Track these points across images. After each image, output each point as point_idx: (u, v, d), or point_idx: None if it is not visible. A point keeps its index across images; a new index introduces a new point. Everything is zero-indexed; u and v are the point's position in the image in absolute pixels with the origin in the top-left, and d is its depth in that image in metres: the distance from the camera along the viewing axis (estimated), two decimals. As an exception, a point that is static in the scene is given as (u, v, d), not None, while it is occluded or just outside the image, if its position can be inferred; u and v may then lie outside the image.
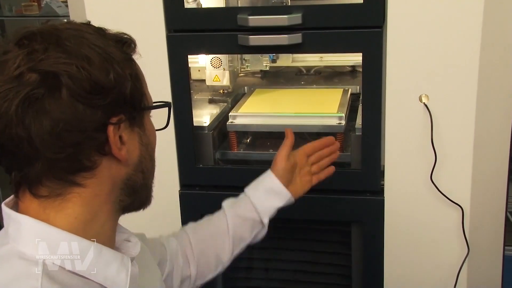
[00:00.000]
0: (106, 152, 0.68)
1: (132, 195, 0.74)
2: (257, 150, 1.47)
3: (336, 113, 1.40)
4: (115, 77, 0.66)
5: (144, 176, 0.74)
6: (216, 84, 1.54)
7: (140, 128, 0.72)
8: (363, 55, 1.22)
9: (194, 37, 1.28)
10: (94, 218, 0.69)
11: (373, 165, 1.29)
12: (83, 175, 0.67)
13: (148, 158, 0.75)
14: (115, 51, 0.68)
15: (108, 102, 0.65)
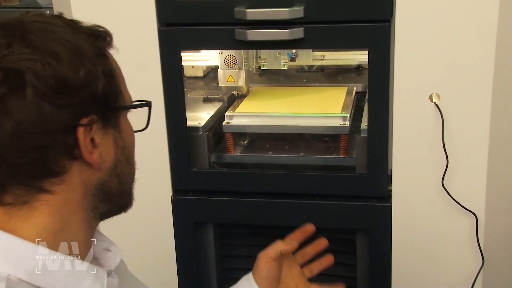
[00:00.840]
0: (76, 156, 0.66)
1: (107, 202, 0.72)
2: (255, 152, 1.46)
3: (340, 113, 1.40)
4: (85, 74, 0.64)
5: (121, 182, 0.72)
6: (230, 85, 1.52)
7: (115, 129, 0.70)
8: (370, 51, 1.21)
9: (188, 32, 1.27)
10: (65, 227, 0.67)
11: (379, 169, 1.28)
12: (51, 181, 0.65)
13: (125, 162, 0.72)
14: (87, 46, 0.66)
15: (78, 102, 0.64)
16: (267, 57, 1.61)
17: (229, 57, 1.50)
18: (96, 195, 0.70)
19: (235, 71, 1.50)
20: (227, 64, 1.50)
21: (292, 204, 1.35)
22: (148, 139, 1.35)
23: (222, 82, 1.52)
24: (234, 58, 1.49)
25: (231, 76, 1.51)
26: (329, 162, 1.40)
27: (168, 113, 1.33)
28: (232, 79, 1.51)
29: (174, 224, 1.41)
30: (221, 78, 1.52)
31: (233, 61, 1.49)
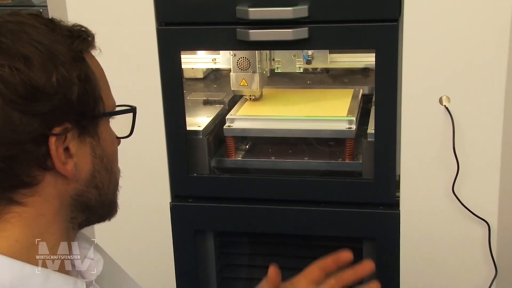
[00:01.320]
0: (48, 166, 0.64)
1: (86, 212, 0.70)
2: (258, 157, 1.46)
3: (346, 117, 1.39)
4: (58, 80, 0.62)
5: (100, 192, 0.70)
6: (243, 89, 1.50)
7: (93, 138, 0.67)
8: (377, 51, 1.21)
9: (188, 31, 1.27)
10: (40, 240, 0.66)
11: (387, 174, 1.28)
12: (22, 193, 0.64)
13: (104, 172, 0.69)
14: (63, 49, 0.64)
15: (50, 110, 0.62)
16: (282, 60, 1.58)
17: (242, 60, 1.47)
18: (73, 205, 0.69)
19: (248, 74, 1.48)
20: (240, 67, 1.48)
21: (296, 211, 1.34)
22: (146, 143, 1.36)
23: (234, 86, 1.50)
24: (248, 61, 1.46)
25: (244, 80, 1.48)
26: (334, 168, 1.40)
27: (167, 116, 1.33)
28: (245, 83, 1.49)
29: (173, 232, 1.41)
30: (233, 81, 1.49)
31: (247, 64, 1.47)
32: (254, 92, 1.52)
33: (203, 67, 1.67)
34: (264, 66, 1.54)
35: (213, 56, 1.61)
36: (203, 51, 1.62)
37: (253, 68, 1.48)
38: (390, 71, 1.21)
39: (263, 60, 1.52)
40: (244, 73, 1.48)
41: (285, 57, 1.58)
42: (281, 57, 1.58)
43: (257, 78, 1.48)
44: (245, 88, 1.50)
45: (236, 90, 1.51)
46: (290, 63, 1.58)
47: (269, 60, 1.58)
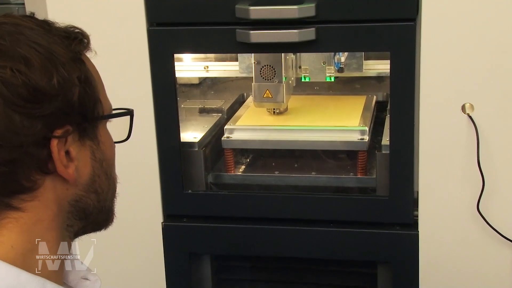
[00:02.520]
0: (49, 170, 0.68)
1: (83, 219, 0.74)
2: (260, 172, 1.46)
3: (358, 127, 1.39)
4: (59, 81, 0.66)
5: (99, 198, 0.74)
6: (267, 101, 1.47)
7: (93, 141, 0.72)
8: (392, 54, 1.20)
9: (182, 32, 1.27)
10: (36, 247, 0.69)
11: (404, 191, 1.27)
12: (21, 198, 0.67)
13: (104, 176, 0.74)
14: (61, 50, 0.68)
15: (51, 112, 0.66)
16: (309, 67, 1.55)
17: (267, 68, 1.45)
18: (71, 212, 0.72)
19: (273, 84, 1.46)
20: (264, 76, 1.46)
21: (302, 232, 1.34)
22: (136, 156, 1.36)
23: (257, 98, 1.47)
24: (272, 69, 1.45)
25: (268, 91, 1.46)
26: (345, 183, 1.40)
27: (158, 126, 1.33)
28: (269, 94, 1.46)
29: (165, 255, 1.40)
30: (256, 93, 1.47)
31: (271, 72, 1.45)
32: (278, 105, 1.49)
33: (193, 75, 1.67)
34: (290, 74, 1.51)
35: (205, 64, 1.61)
36: (193, 59, 1.63)
37: (278, 77, 1.45)
38: (407, 76, 1.21)
39: (288, 68, 1.50)
40: (268, 83, 1.45)
41: (313, 65, 1.54)
42: (308, 64, 1.54)
43: (282, 89, 1.46)
44: (269, 101, 1.47)
45: (259, 102, 1.48)
46: (319, 71, 1.54)
47: (295, 68, 1.55)
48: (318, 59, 1.52)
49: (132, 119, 0.78)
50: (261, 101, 1.48)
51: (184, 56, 1.63)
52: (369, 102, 1.55)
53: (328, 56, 1.51)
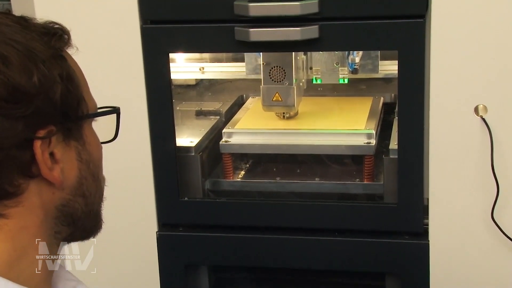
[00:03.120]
0: (34, 174, 0.68)
1: (71, 225, 0.74)
2: (260, 178, 1.45)
3: (364, 130, 1.39)
4: (40, 79, 0.66)
5: (87, 202, 0.75)
6: (277, 104, 1.46)
7: (78, 141, 0.72)
8: (399, 53, 1.20)
9: (177, 31, 1.27)
10: (23, 256, 0.69)
11: (413, 198, 1.27)
12: (4, 204, 0.67)
13: (91, 179, 0.75)
14: (40, 47, 0.68)
15: (33, 112, 0.66)
16: (322, 69, 1.54)
17: (276, 70, 1.44)
18: (58, 217, 0.72)
19: (283, 87, 1.44)
20: (273, 78, 1.45)
21: (305, 242, 1.33)
22: (129, 161, 1.35)
23: (266, 102, 1.46)
24: (282, 71, 1.44)
25: (278, 94, 1.45)
26: (350, 190, 1.39)
27: (153, 129, 1.33)
28: (279, 98, 1.46)
29: (160, 266, 1.39)
30: (265, 96, 1.46)
31: (281, 74, 1.44)
32: (289, 109, 1.48)
33: (188, 77, 1.67)
34: (300, 76, 1.50)
35: (200, 65, 1.61)
36: (188, 60, 1.64)
37: (288, 79, 1.44)
38: (416, 76, 1.20)
39: (299, 69, 1.49)
40: (278, 85, 1.45)
41: (325, 65, 1.53)
42: (320, 65, 1.54)
43: (293, 92, 1.45)
44: (279, 104, 1.46)
45: (268, 106, 1.47)
46: (331, 72, 1.53)
47: (306, 69, 1.54)
48: (330, 60, 1.52)
49: (118, 117, 0.79)
50: (270, 104, 1.46)
51: (179, 57, 1.64)
52: (376, 104, 1.55)
53: (341, 56, 1.50)
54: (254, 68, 1.54)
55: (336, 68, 1.52)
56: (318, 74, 1.54)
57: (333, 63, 1.52)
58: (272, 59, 1.43)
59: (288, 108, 1.47)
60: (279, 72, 1.44)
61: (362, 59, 1.50)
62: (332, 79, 1.54)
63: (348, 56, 1.49)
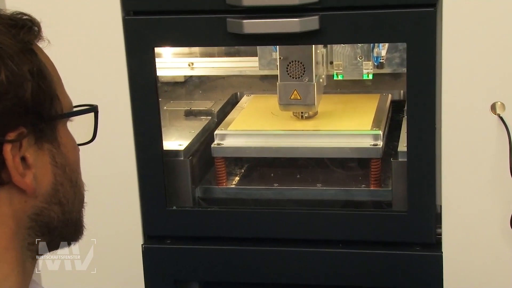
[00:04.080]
0: (3, 180, 0.67)
1: (47, 235, 0.74)
2: (256, 184, 1.46)
3: (370, 130, 1.40)
4: (8, 76, 0.66)
5: (64, 210, 0.74)
6: (295, 103, 1.46)
7: (53, 144, 0.72)
8: (408, 46, 1.21)
9: (163, 22, 1.28)
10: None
11: (424, 205, 1.27)
12: None
13: (68, 184, 0.74)
14: (7, 41, 0.68)
15: (1, 112, 0.66)
16: (344, 63, 1.53)
17: (295, 65, 1.45)
18: (32, 228, 0.72)
19: (302, 84, 1.45)
20: (291, 73, 1.45)
21: (306, 255, 1.34)
22: (111, 167, 1.35)
23: (283, 100, 1.46)
24: (302, 66, 1.44)
25: (296, 92, 1.45)
26: (356, 197, 1.40)
27: (137, 131, 1.33)
28: (297, 95, 1.46)
29: (146, 283, 1.39)
30: (281, 94, 1.46)
31: (300, 69, 1.44)
32: (308, 108, 1.48)
33: (176, 74, 1.67)
34: (320, 72, 1.50)
35: (189, 60, 1.61)
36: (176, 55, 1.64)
37: (308, 75, 1.44)
38: (426, 71, 1.21)
39: (318, 64, 1.49)
40: (296, 82, 1.45)
41: (347, 59, 1.53)
42: (342, 59, 1.53)
43: (313, 89, 1.45)
44: (298, 103, 1.46)
45: (285, 105, 1.47)
46: (354, 67, 1.53)
47: (326, 64, 1.54)
48: (353, 53, 1.51)
49: (96, 117, 0.78)
50: (288, 103, 1.46)
51: (166, 52, 1.64)
52: (383, 101, 1.56)
53: (365, 49, 1.49)
54: (268, 63, 1.54)
55: (360, 63, 1.52)
56: (339, 69, 1.54)
57: (357, 57, 1.51)
58: (290, 53, 1.43)
59: (307, 107, 1.47)
60: (298, 68, 1.45)
61: (389, 52, 1.50)
62: (355, 75, 1.54)
63: (373, 49, 1.48)
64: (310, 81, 1.44)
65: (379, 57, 1.49)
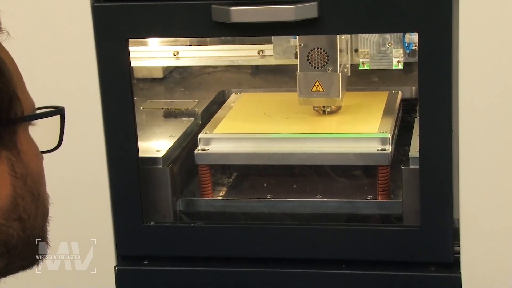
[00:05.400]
0: None
1: (5, 256, 0.73)
2: (247, 196, 1.47)
3: (377, 133, 1.40)
4: None
5: (25, 226, 0.74)
6: (317, 96, 1.48)
7: (11, 151, 0.72)
8: (420, 35, 1.22)
9: (138, 10, 1.28)
10: None
11: (440, 219, 1.28)
12: None
13: (29, 197, 0.74)
14: None
15: None
16: (371, 50, 1.53)
17: (317, 52, 1.46)
18: None
19: (325, 74, 1.46)
20: (313, 63, 1.47)
21: (305, 276, 1.35)
22: (80, 177, 1.35)
23: (303, 92, 1.48)
24: (325, 54, 1.46)
25: (318, 83, 1.47)
26: (361, 210, 1.41)
27: (109, 135, 1.33)
28: (320, 88, 1.47)
29: (120, 310, 1.40)
30: (301, 85, 1.47)
31: (323, 58, 1.46)
32: (332, 101, 1.49)
33: (158, 64, 1.68)
34: (344, 61, 1.51)
35: (174, 48, 1.61)
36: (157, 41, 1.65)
37: (332, 64, 1.46)
38: (441, 65, 1.22)
39: (342, 52, 1.50)
40: (318, 72, 1.46)
41: (374, 46, 1.54)
42: (368, 46, 1.54)
43: (337, 80, 1.46)
44: (320, 95, 1.47)
45: (306, 98, 1.49)
46: (383, 55, 1.53)
47: (350, 52, 1.55)
48: (382, 39, 1.51)
49: (63, 120, 0.78)
50: (309, 96, 1.48)
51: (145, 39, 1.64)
52: (393, 100, 1.56)
53: (396, 34, 1.49)
54: (284, 51, 1.55)
55: (389, 50, 1.52)
56: (365, 57, 1.54)
57: (385, 43, 1.52)
58: (311, 39, 1.44)
59: (331, 100, 1.49)
60: (321, 56, 1.46)
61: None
62: (384, 64, 1.54)
63: (404, 34, 1.48)
64: (334, 71, 1.46)
65: (411, 43, 1.49)
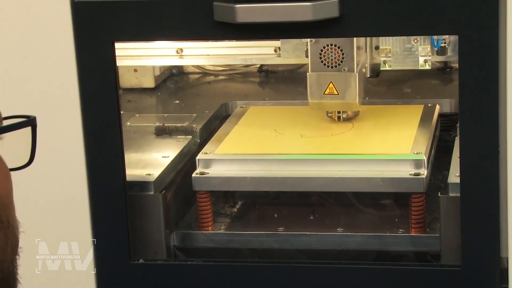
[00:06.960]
0: None
1: None
2: (254, 228, 1.47)
3: (411, 155, 1.41)
4: None
5: None
6: (331, 99, 1.51)
7: None
8: (460, 40, 1.23)
9: (126, 9, 1.29)
10: None
11: (485, 257, 1.29)
12: None
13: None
14: None
15: None
16: (394, 48, 1.56)
17: (330, 50, 1.49)
18: None
19: (340, 74, 1.49)
20: (326, 61, 1.50)
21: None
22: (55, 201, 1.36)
23: (315, 95, 1.50)
24: (340, 51, 1.48)
25: (332, 85, 1.50)
26: (391, 246, 1.42)
27: (90, 155, 1.35)
28: (334, 90, 1.50)
29: None
30: (313, 87, 1.50)
31: (338, 56, 1.49)
32: (348, 105, 1.52)
33: (159, 63, 1.69)
34: (362, 59, 1.53)
35: (178, 45, 1.63)
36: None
37: (348, 63, 1.48)
38: (486, 74, 1.23)
39: (360, 50, 1.52)
40: (332, 72, 1.49)
41: (397, 43, 1.56)
42: (392, 43, 1.56)
43: (354, 81, 1.49)
44: (334, 98, 1.50)
45: (318, 101, 1.51)
46: (407, 54, 1.56)
47: (370, 50, 1.58)
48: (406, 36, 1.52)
49: (35, 132, 0.79)
50: (322, 99, 1.50)
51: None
52: (429, 114, 1.57)
53: None
54: (294, 49, 1.57)
55: (415, 47, 1.54)
56: (387, 56, 1.56)
57: (411, 40, 1.54)
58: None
59: (347, 104, 1.51)
60: (335, 54, 1.49)
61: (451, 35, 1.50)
62: (408, 64, 1.56)
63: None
64: (350, 71, 1.48)
65: (440, 39, 1.51)
